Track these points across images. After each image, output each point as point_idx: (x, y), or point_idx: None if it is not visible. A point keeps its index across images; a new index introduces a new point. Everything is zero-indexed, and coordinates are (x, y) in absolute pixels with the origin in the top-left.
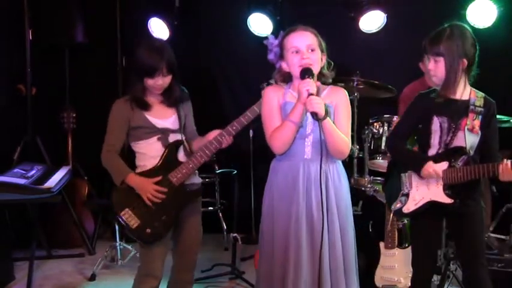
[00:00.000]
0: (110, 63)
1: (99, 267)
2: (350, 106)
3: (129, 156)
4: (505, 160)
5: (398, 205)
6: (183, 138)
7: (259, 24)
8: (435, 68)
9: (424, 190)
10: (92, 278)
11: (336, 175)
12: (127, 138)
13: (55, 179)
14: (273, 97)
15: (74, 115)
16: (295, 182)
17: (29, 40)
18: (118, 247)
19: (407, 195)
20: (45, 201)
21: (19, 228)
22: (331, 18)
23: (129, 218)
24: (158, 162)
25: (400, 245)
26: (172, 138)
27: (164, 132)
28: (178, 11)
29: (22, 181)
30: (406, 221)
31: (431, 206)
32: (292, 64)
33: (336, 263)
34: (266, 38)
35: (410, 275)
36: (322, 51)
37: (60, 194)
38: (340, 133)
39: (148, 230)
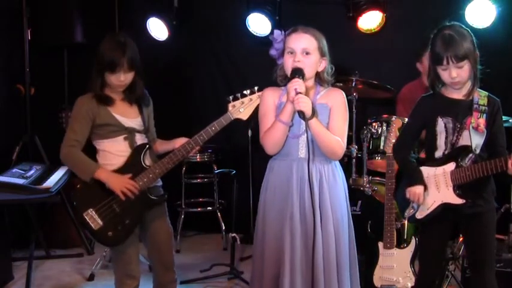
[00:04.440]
0: None
1: (98, 267)
2: (347, 108)
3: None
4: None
5: (411, 211)
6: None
7: (258, 24)
8: (460, 74)
9: (434, 193)
10: (91, 278)
11: (331, 175)
12: (90, 136)
13: (54, 179)
14: (269, 98)
15: None
16: (288, 181)
17: (28, 40)
18: None
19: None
20: (44, 201)
21: (18, 228)
22: (330, 18)
23: (91, 219)
24: (123, 163)
25: (399, 245)
26: (139, 138)
27: (131, 132)
28: (177, 11)
29: (21, 181)
30: (405, 222)
31: (444, 209)
32: (286, 64)
33: (329, 263)
34: (269, 35)
35: (409, 275)
36: (322, 55)
37: (58, 194)
38: (330, 134)
39: (110, 233)
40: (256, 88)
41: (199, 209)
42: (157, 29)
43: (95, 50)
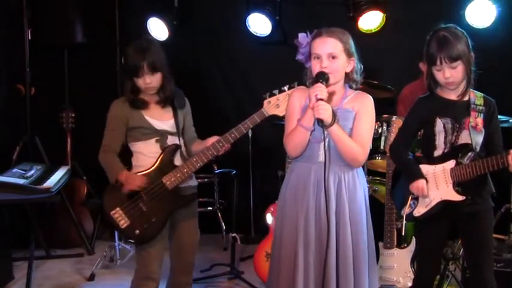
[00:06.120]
0: (108, 63)
1: (98, 267)
2: (373, 113)
3: (125, 155)
4: (510, 150)
5: (408, 209)
6: (181, 142)
7: (258, 24)
8: (453, 74)
9: (433, 191)
10: (91, 278)
11: (351, 181)
12: (125, 138)
13: (54, 179)
14: (296, 100)
15: (73, 115)
16: (306, 184)
17: (28, 40)
18: (117, 247)
19: (416, 198)
20: (44, 201)
21: (18, 228)
22: (330, 18)
23: (119, 217)
24: (154, 164)
25: (399, 245)
26: (171, 140)
27: (163, 134)
28: (177, 11)
29: (21, 181)
30: (405, 222)
31: (443, 206)
32: (314, 70)
33: (345, 268)
34: (294, 40)
35: (409, 275)
36: (350, 55)
37: (59, 194)
38: (351, 140)
39: (137, 231)
40: (296, 83)
41: (199, 209)
42: (158, 29)
43: (95, 50)
